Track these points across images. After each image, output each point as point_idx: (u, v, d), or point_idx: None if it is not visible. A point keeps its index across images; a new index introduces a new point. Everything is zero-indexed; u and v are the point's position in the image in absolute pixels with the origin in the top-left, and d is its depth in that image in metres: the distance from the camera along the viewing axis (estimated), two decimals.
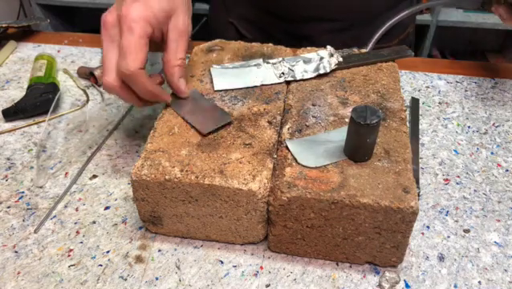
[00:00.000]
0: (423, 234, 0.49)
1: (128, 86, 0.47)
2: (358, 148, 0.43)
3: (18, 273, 0.46)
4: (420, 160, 0.58)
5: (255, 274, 0.45)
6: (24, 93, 0.67)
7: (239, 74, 0.55)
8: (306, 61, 0.56)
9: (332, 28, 0.76)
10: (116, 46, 0.46)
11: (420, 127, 0.63)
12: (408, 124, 0.49)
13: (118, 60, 0.46)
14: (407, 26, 0.83)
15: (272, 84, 0.54)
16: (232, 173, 0.43)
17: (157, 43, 0.50)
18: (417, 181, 0.53)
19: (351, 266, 0.46)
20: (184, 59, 0.50)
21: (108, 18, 0.47)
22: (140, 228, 0.50)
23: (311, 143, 0.46)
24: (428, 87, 0.71)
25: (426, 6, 0.74)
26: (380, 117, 0.41)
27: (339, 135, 0.46)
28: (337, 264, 0.46)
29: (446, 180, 0.55)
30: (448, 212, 0.52)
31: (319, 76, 0.55)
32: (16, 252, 0.47)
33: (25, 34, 0.85)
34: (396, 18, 0.67)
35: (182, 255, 0.47)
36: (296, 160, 0.44)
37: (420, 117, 0.65)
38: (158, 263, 0.46)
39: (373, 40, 0.66)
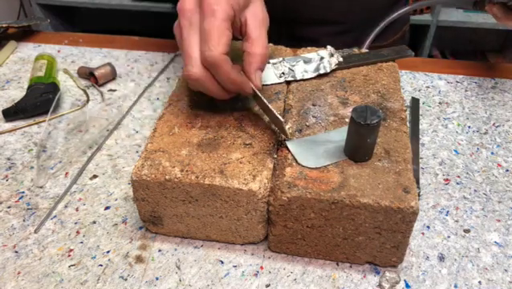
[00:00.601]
0: (423, 234, 0.49)
1: (211, 75, 0.44)
2: (358, 148, 0.43)
3: (19, 273, 0.46)
4: (420, 160, 0.58)
5: (255, 274, 0.45)
6: (24, 93, 0.67)
7: None
8: (307, 61, 0.56)
9: (334, 31, 0.76)
10: (197, 32, 0.43)
11: (420, 127, 0.63)
12: (408, 124, 0.49)
13: (201, 47, 0.42)
14: (403, 24, 0.83)
15: (272, 84, 0.54)
16: (232, 173, 0.43)
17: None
18: (417, 181, 0.53)
19: (351, 266, 0.46)
20: (267, 48, 0.46)
21: (186, 5, 0.44)
22: (141, 228, 0.50)
23: (311, 143, 0.46)
24: (428, 87, 0.71)
25: (422, 4, 0.74)
26: (381, 117, 0.41)
27: (339, 135, 0.46)
28: (337, 264, 0.46)
29: (446, 180, 0.55)
30: (448, 212, 0.52)
31: (320, 76, 0.55)
32: (16, 252, 0.47)
33: (25, 34, 0.85)
34: (392, 16, 0.67)
35: (182, 255, 0.47)
36: (296, 161, 0.44)
37: (421, 117, 0.65)
38: (158, 263, 0.46)
39: (369, 39, 0.66)
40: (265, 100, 0.45)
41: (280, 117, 0.45)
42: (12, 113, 0.64)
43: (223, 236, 0.47)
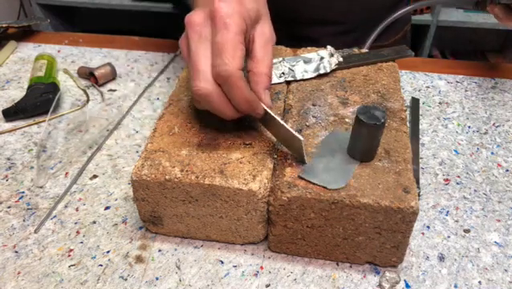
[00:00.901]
0: (423, 234, 0.49)
1: (222, 92, 0.41)
2: (370, 149, 0.43)
3: (19, 273, 0.46)
4: (420, 160, 0.58)
5: (255, 274, 0.45)
6: (24, 93, 0.67)
7: None
8: (307, 61, 0.56)
9: (335, 31, 0.76)
10: (207, 46, 0.41)
11: (420, 127, 0.63)
12: (408, 124, 0.49)
13: (213, 61, 0.40)
14: (404, 24, 0.83)
15: (272, 84, 0.54)
16: (232, 173, 0.43)
17: None
18: (417, 181, 0.53)
19: (351, 266, 0.46)
20: (271, 68, 0.45)
21: (195, 17, 0.42)
22: (141, 228, 0.50)
23: (319, 162, 0.44)
24: (428, 87, 0.71)
25: (422, 4, 0.74)
26: (385, 111, 0.41)
27: (336, 141, 0.46)
28: (337, 264, 0.46)
29: (446, 180, 0.55)
30: (448, 212, 0.52)
31: (320, 76, 0.55)
32: (16, 252, 0.47)
33: (25, 34, 0.85)
34: (393, 16, 0.67)
35: (182, 255, 0.47)
36: (327, 188, 0.41)
37: (421, 117, 0.65)
38: (158, 263, 0.46)
39: (371, 39, 0.66)
40: (279, 119, 0.43)
41: (299, 136, 0.41)
42: (12, 113, 0.64)
43: (223, 236, 0.47)
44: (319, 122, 0.49)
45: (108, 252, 0.47)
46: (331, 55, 0.56)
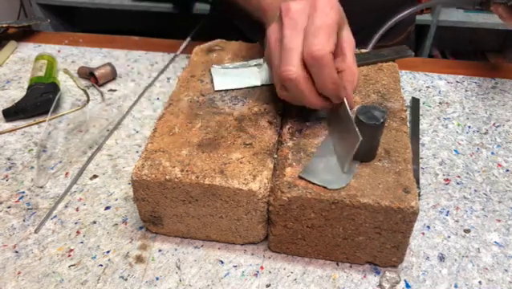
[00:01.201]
0: (423, 234, 0.49)
1: (310, 78, 0.43)
2: (371, 148, 0.43)
3: (19, 273, 0.46)
4: (420, 160, 0.58)
5: (255, 274, 0.45)
6: (24, 93, 0.67)
7: (240, 74, 0.55)
8: None
9: None
10: (301, 34, 0.42)
11: (420, 127, 0.63)
12: (408, 124, 0.49)
13: (307, 42, 0.41)
14: (408, 25, 0.83)
15: (272, 84, 0.54)
16: (232, 173, 0.43)
17: None
18: (418, 181, 0.53)
19: (351, 266, 0.46)
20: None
21: (293, 5, 0.43)
22: (141, 228, 0.50)
23: (319, 163, 0.44)
24: (428, 87, 0.71)
25: (425, 5, 0.74)
26: (385, 111, 0.41)
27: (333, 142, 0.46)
28: (337, 264, 0.46)
29: (446, 180, 0.55)
30: (448, 212, 0.52)
31: None
32: (16, 252, 0.47)
33: (25, 34, 0.85)
34: (397, 17, 0.67)
35: (182, 255, 0.47)
36: (327, 188, 0.41)
37: (421, 117, 0.65)
38: (158, 263, 0.46)
39: (374, 40, 0.66)
40: (350, 114, 0.43)
41: (359, 135, 0.40)
42: (12, 113, 0.64)
43: (223, 236, 0.47)
44: (319, 122, 0.49)
45: (108, 252, 0.47)
46: None
